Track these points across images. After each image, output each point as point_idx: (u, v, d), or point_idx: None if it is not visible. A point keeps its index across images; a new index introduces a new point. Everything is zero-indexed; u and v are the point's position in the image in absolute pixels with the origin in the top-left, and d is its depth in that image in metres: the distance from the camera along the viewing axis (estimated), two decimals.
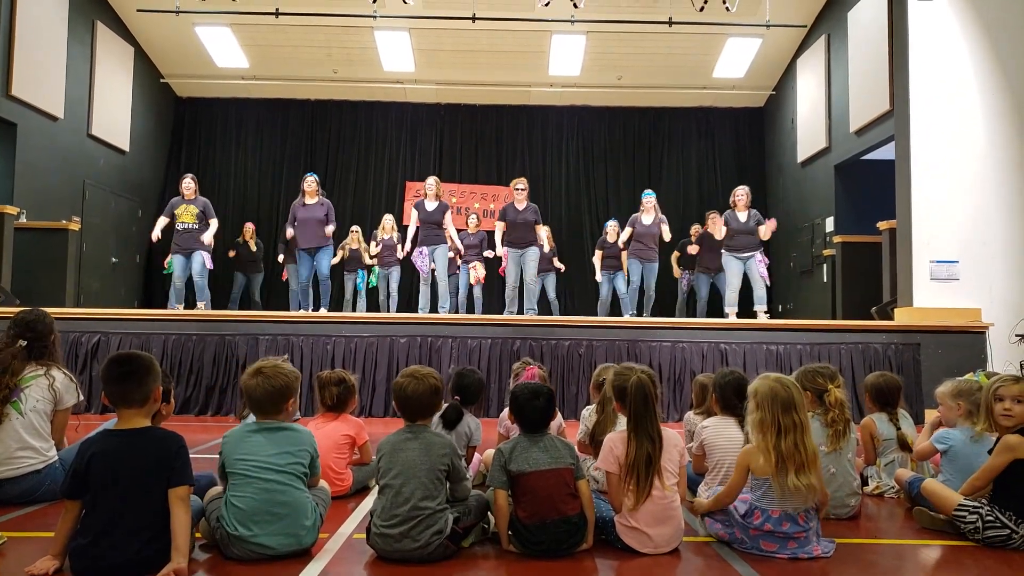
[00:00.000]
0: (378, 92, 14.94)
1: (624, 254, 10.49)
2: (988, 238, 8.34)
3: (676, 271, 11.93)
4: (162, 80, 14.59)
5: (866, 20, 10.79)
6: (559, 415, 4.50)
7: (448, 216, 9.56)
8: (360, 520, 3.63)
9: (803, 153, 13.11)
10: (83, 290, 11.34)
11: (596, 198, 15.19)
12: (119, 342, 7.72)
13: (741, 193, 9.41)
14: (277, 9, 11.23)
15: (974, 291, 8.24)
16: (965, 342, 7.86)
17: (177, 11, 11.16)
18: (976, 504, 3.42)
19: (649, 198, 10.07)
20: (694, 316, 11.04)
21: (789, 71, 13.95)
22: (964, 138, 8.44)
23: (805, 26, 12.89)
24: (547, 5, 10.98)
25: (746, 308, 9.54)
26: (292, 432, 3.20)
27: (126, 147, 13.30)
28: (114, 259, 12.74)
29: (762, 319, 8.88)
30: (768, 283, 9.34)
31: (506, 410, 4.37)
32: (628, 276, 10.36)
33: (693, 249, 11.12)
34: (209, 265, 9.51)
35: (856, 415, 7.25)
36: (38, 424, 3.87)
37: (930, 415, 4.37)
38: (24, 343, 3.92)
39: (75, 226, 10.83)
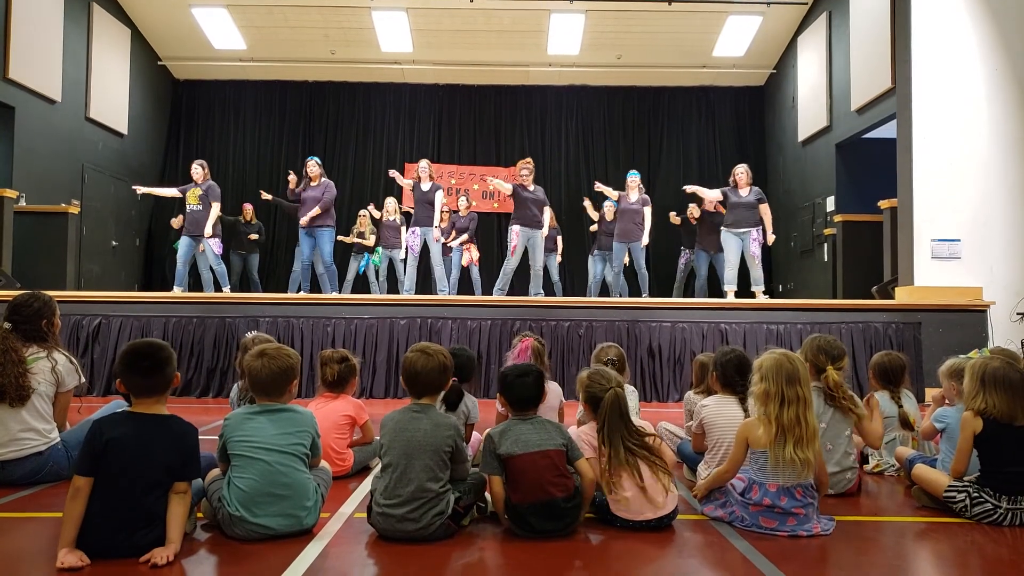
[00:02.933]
0: (376, 73, 14.86)
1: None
2: (990, 217, 8.30)
3: (673, 218, 11.81)
4: (159, 63, 14.51)
5: None
6: (559, 392, 4.52)
7: (439, 195, 9.68)
8: (361, 500, 3.64)
9: (804, 132, 13.05)
10: (84, 273, 11.35)
11: (595, 178, 15.08)
12: (120, 325, 7.73)
13: (741, 171, 9.34)
14: None
15: (975, 270, 8.22)
16: (966, 321, 7.86)
17: None
18: (964, 484, 3.47)
19: (633, 178, 10.00)
20: (692, 295, 11.03)
21: (790, 49, 13.86)
22: (966, 116, 8.38)
23: (806, 3, 12.79)
24: None
25: (745, 289, 9.54)
26: (293, 413, 3.21)
27: (124, 130, 13.26)
28: (114, 242, 12.74)
29: (761, 300, 8.88)
30: (758, 261, 9.27)
31: None
32: (613, 260, 10.33)
33: (695, 210, 11.08)
34: (219, 251, 9.58)
35: (857, 393, 7.29)
36: (40, 406, 3.87)
37: (930, 394, 4.39)
38: (9, 325, 3.92)
39: (75, 209, 10.82)
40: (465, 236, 11.58)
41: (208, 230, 9.40)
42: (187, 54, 14.40)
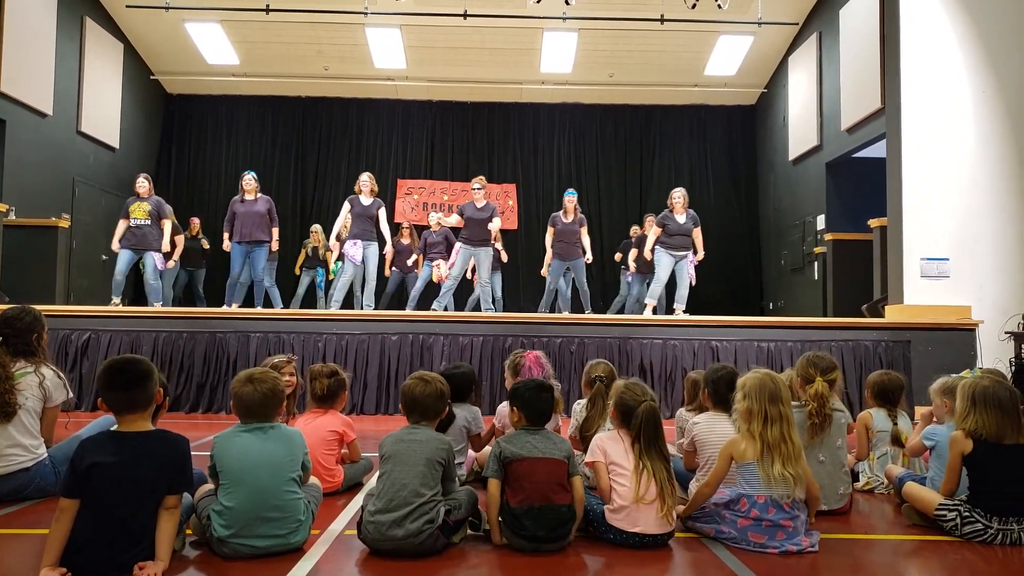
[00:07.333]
0: (369, 89, 14.90)
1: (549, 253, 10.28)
2: (979, 236, 8.35)
3: (631, 266, 11.50)
4: (152, 77, 14.52)
5: (858, 18, 10.82)
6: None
7: (382, 213, 9.45)
8: (351, 517, 3.62)
9: (794, 151, 13.13)
10: (73, 288, 11.27)
11: (587, 196, 15.17)
12: (109, 340, 7.68)
13: (678, 196, 9.55)
14: (268, 5, 11.17)
15: (964, 288, 8.26)
16: (955, 339, 7.88)
17: (167, 7, 11.09)
18: (954, 503, 3.49)
19: (571, 197, 9.90)
20: (622, 313, 11.05)
21: (781, 69, 13.97)
22: (955, 136, 8.45)
23: (797, 24, 12.91)
24: (538, 2, 10.95)
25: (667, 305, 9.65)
26: (282, 432, 3.20)
27: (116, 144, 13.23)
28: (104, 257, 12.66)
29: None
30: (693, 283, 9.52)
31: (502, 405, 4.37)
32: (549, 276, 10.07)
33: (634, 254, 10.93)
34: (160, 267, 9.44)
35: (848, 410, 7.29)
36: (28, 422, 3.84)
37: (920, 412, 4.39)
38: (0, 339, 3.89)
39: (65, 223, 10.77)
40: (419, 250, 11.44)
41: (165, 245, 9.39)
42: (180, 69, 14.41)
